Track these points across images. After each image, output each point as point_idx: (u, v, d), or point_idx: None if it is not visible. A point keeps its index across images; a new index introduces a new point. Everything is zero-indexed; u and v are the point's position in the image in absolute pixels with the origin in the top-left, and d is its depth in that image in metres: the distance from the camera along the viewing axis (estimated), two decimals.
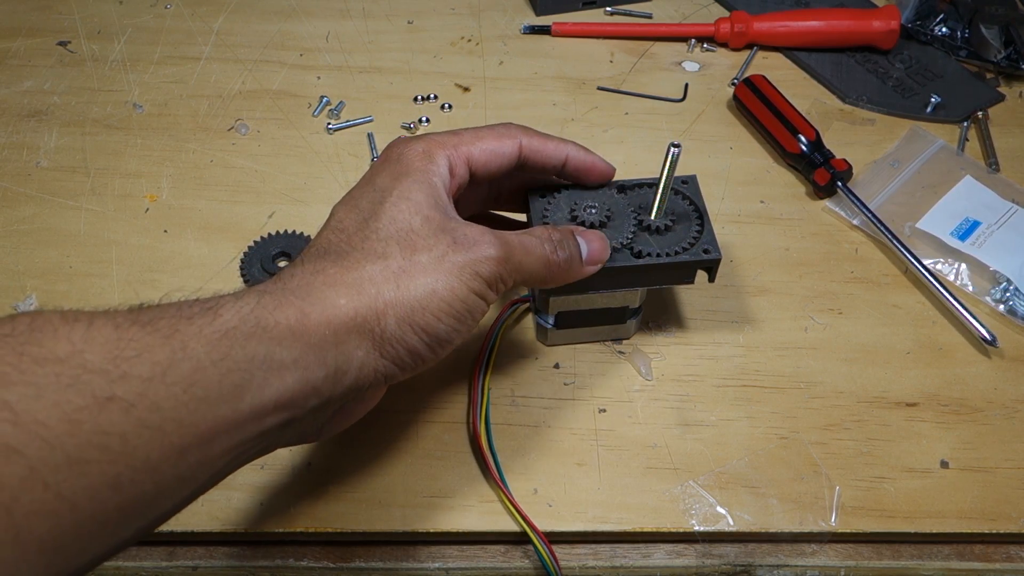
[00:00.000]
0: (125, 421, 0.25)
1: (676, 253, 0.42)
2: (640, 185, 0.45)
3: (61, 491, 0.24)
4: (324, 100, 0.64)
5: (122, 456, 0.25)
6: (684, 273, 0.44)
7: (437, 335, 0.34)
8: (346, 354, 0.32)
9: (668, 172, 0.42)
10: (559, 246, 0.39)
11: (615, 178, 0.45)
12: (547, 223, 0.43)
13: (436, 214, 0.36)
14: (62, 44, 0.68)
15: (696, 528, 0.42)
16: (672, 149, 0.41)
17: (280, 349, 0.30)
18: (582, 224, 0.42)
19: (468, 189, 0.41)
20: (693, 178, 0.46)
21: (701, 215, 0.44)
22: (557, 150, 0.42)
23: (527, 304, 0.49)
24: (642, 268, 0.42)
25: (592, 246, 0.40)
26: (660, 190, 0.42)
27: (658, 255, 0.42)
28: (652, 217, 0.43)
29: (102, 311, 0.28)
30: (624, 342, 0.49)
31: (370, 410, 0.39)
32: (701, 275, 0.44)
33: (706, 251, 0.43)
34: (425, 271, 0.34)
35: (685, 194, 0.45)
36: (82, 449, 0.24)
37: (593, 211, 0.43)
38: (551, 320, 0.47)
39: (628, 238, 0.42)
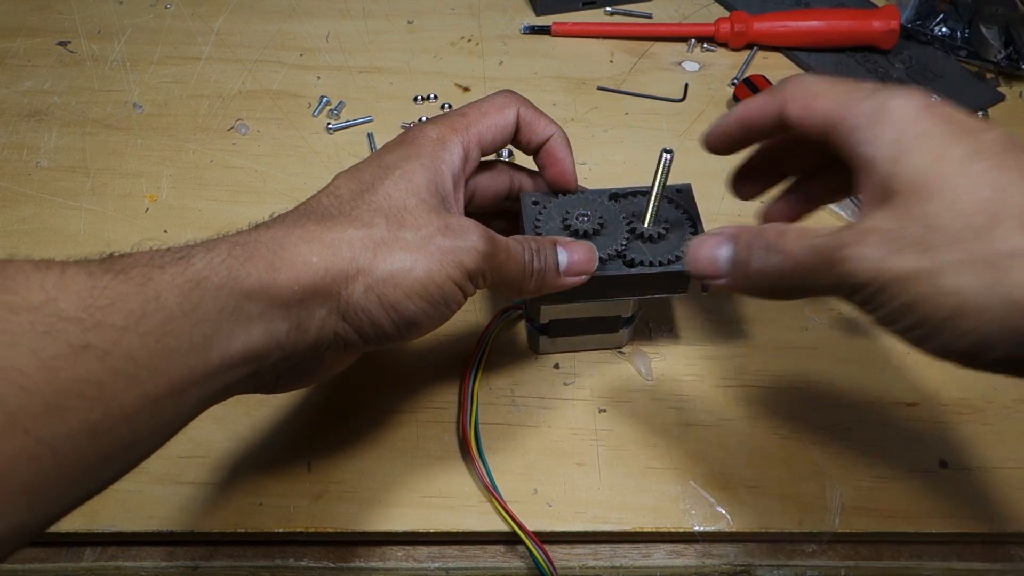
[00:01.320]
0: (101, 369, 0.25)
1: (669, 262, 0.42)
2: (634, 193, 0.45)
3: (41, 437, 0.24)
4: (324, 100, 0.64)
5: (99, 403, 0.25)
6: (677, 283, 0.43)
7: (405, 315, 0.34)
8: (310, 311, 0.32)
9: (661, 178, 0.41)
10: (536, 255, 0.39)
11: (609, 186, 0.45)
12: (539, 230, 0.42)
13: (433, 200, 0.36)
14: (62, 44, 0.68)
15: (696, 528, 0.42)
16: (664, 155, 0.41)
17: (248, 303, 0.30)
18: (574, 232, 0.42)
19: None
20: (688, 187, 0.45)
21: (695, 223, 0.43)
22: (546, 127, 0.42)
23: (520, 311, 0.49)
24: (634, 277, 0.42)
25: (574, 258, 0.40)
26: (653, 196, 0.42)
27: (651, 263, 0.41)
28: (645, 224, 0.43)
29: (73, 261, 0.28)
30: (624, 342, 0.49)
31: (331, 376, 0.38)
32: (695, 285, 0.44)
33: None
34: (406, 248, 0.34)
35: (679, 203, 0.44)
36: (60, 396, 0.24)
37: (585, 219, 0.42)
38: (543, 328, 0.46)
39: (620, 246, 0.42)
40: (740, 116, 0.39)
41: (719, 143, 0.41)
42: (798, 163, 0.42)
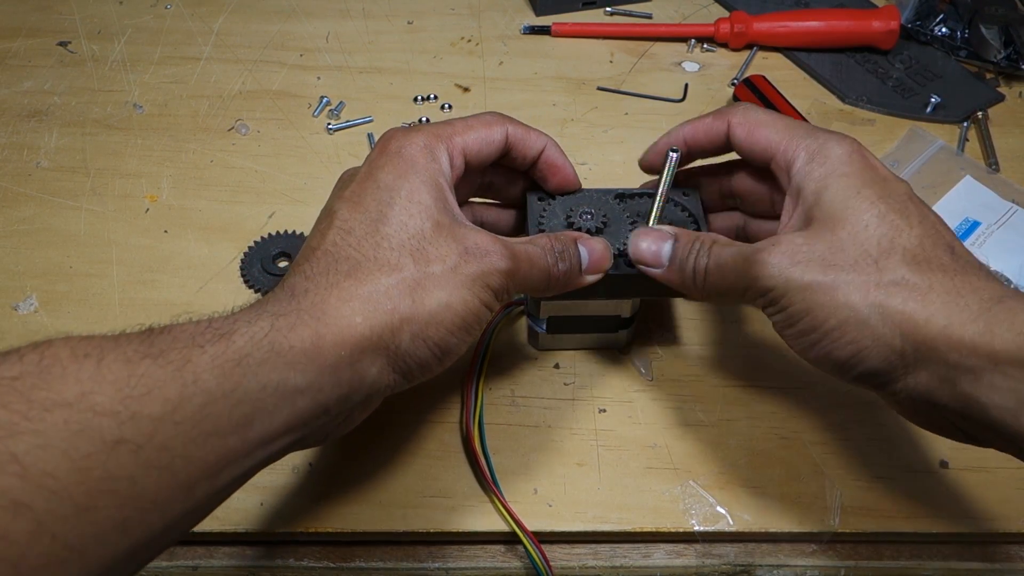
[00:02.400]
0: (134, 463, 0.25)
1: None
2: (640, 195, 0.45)
3: (69, 541, 0.24)
4: (324, 100, 0.64)
5: (131, 499, 0.25)
6: None
7: (448, 347, 0.34)
8: (360, 372, 0.32)
9: (668, 177, 0.42)
10: (560, 257, 0.39)
11: (608, 186, 0.45)
12: (543, 226, 0.43)
13: (445, 219, 0.36)
14: (62, 44, 0.68)
15: (696, 528, 0.42)
16: (671, 154, 0.41)
17: (295, 374, 0.30)
18: (579, 229, 0.42)
19: (461, 179, 0.41)
20: (695, 191, 0.45)
21: (699, 226, 0.44)
22: (537, 140, 0.42)
23: (521, 307, 0.49)
24: (635, 277, 0.42)
25: (594, 255, 0.40)
26: (659, 195, 0.42)
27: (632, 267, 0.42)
28: (649, 225, 0.43)
29: (112, 339, 0.27)
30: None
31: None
32: None
33: None
34: (439, 284, 0.34)
35: (684, 206, 0.44)
36: (91, 496, 0.24)
37: (589, 217, 0.43)
38: (543, 325, 0.47)
39: (623, 245, 0.42)
40: (686, 134, 0.43)
41: (658, 160, 0.43)
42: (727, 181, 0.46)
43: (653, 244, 0.40)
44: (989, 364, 0.31)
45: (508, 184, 0.45)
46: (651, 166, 0.45)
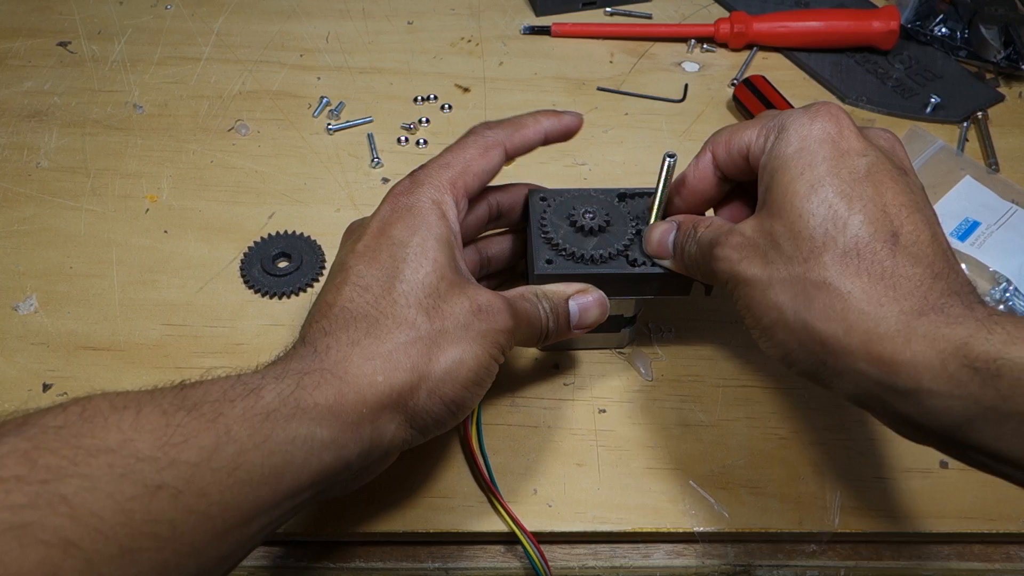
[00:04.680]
0: (174, 508, 0.26)
1: None
2: (642, 194, 0.45)
3: None
4: (324, 101, 0.64)
5: (170, 543, 0.26)
6: (680, 285, 0.43)
7: (461, 403, 0.35)
8: (380, 429, 0.33)
9: (664, 182, 0.42)
10: (550, 315, 0.39)
11: (615, 186, 0.45)
12: (545, 226, 0.43)
13: (456, 275, 0.36)
14: (62, 45, 0.68)
15: (696, 528, 0.42)
16: (667, 159, 0.41)
17: (320, 429, 0.31)
18: (581, 228, 0.42)
19: (468, 213, 0.41)
20: None
21: None
22: (536, 132, 0.42)
23: None
24: (637, 276, 0.42)
25: (586, 309, 0.41)
26: (657, 200, 0.42)
27: (654, 264, 0.42)
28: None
29: (148, 393, 0.29)
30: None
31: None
32: (697, 287, 0.44)
33: None
34: (452, 341, 0.34)
35: None
36: (134, 538, 0.25)
37: (591, 217, 0.43)
38: None
39: (625, 245, 0.42)
40: (681, 193, 0.42)
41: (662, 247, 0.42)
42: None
43: (661, 235, 0.41)
44: (914, 384, 0.29)
45: (513, 205, 0.46)
46: (656, 253, 0.42)
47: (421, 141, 0.62)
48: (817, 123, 0.35)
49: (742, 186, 0.42)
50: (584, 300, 0.41)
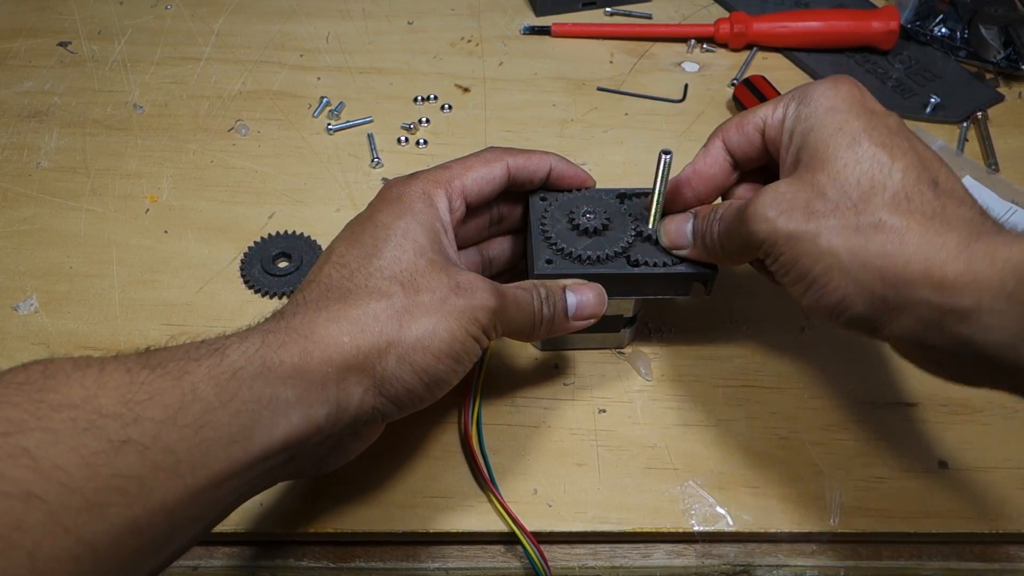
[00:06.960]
0: (140, 464, 0.26)
1: (672, 263, 0.42)
2: (641, 194, 0.45)
3: (82, 536, 0.24)
4: (324, 101, 0.64)
5: (139, 499, 0.26)
6: (680, 285, 0.43)
7: (435, 375, 0.35)
8: (346, 391, 0.33)
9: (662, 180, 0.42)
10: (545, 303, 0.39)
11: (615, 186, 0.45)
12: (545, 227, 0.43)
13: (438, 257, 0.36)
14: (62, 45, 0.68)
15: (696, 528, 0.42)
16: (663, 156, 0.41)
17: (285, 389, 0.31)
18: (581, 229, 0.42)
19: (469, 218, 0.42)
20: None
21: None
22: (541, 163, 0.43)
23: None
24: (636, 277, 0.42)
25: (584, 300, 0.41)
26: (655, 198, 0.42)
27: (654, 264, 0.42)
28: (649, 226, 0.43)
29: (111, 356, 0.28)
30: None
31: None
32: (697, 288, 0.44)
33: (703, 263, 0.43)
34: (427, 312, 0.34)
35: None
36: (101, 493, 0.25)
37: (591, 217, 0.43)
38: None
39: (625, 245, 0.42)
40: (691, 178, 0.42)
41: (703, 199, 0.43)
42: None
43: (678, 225, 0.42)
44: (974, 303, 0.31)
45: (516, 212, 0.46)
46: (674, 244, 0.43)
47: (421, 141, 0.62)
48: (842, 87, 0.37)
49: (746, 176, 0.43)
50: (581, 289, 0.41)
